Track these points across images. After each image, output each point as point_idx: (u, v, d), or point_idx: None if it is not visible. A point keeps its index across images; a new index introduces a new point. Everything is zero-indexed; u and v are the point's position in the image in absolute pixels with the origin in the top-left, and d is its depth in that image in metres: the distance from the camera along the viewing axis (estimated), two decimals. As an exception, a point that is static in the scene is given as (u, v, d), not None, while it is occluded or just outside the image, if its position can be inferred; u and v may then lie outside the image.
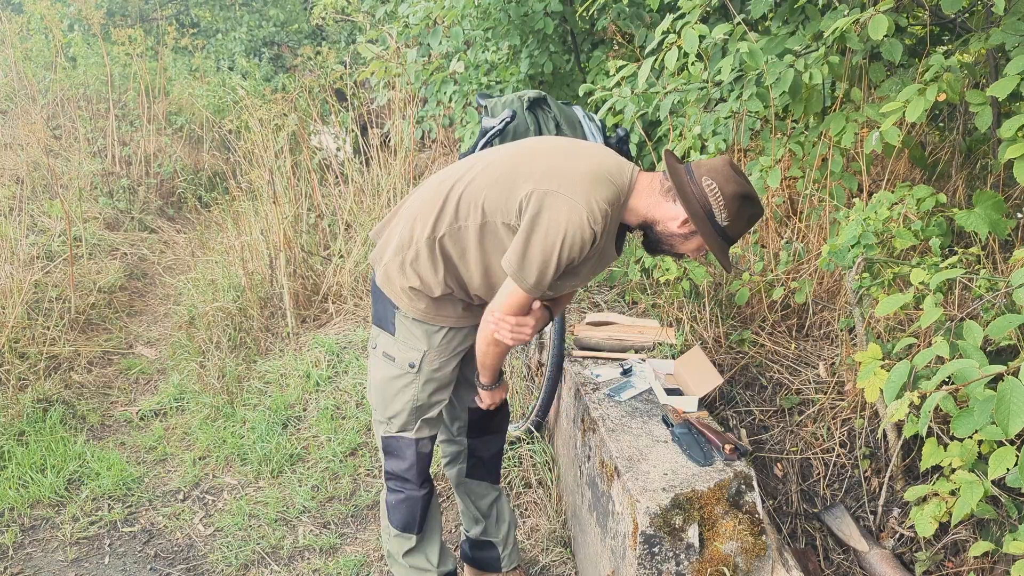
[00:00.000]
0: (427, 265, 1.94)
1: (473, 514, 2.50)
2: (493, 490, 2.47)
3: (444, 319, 2.02)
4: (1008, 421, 1.52)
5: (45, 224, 5.27)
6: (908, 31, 3.67)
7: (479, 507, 2.48)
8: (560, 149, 1.93)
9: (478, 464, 2.41)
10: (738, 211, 1.83)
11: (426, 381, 2.07)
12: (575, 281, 1.98)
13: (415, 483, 2.17)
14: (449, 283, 1.96)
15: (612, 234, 1.90)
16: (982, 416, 1.64)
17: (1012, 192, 3.15)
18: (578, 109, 3.20)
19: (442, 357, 2.06)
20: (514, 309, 1.87)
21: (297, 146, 5.66)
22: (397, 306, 2.02)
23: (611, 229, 1.87)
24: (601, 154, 1.92)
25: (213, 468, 3.33)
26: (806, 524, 2.57)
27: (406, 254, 1.95)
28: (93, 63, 7.50)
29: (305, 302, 4.50)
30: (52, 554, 2.83)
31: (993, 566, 2.17)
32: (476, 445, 2.39)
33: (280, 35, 9.23)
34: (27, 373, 3.82)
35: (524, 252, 1.79)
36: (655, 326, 3.05)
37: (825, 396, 2.75)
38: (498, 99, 3.20)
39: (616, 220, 1.87)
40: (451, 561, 2.36)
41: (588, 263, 1.89)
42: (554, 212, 1.77)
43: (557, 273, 1.81)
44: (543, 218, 1.77)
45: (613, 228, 1.88)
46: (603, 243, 1.86)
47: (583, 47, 5.19)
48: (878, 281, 2.48)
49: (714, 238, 1.84)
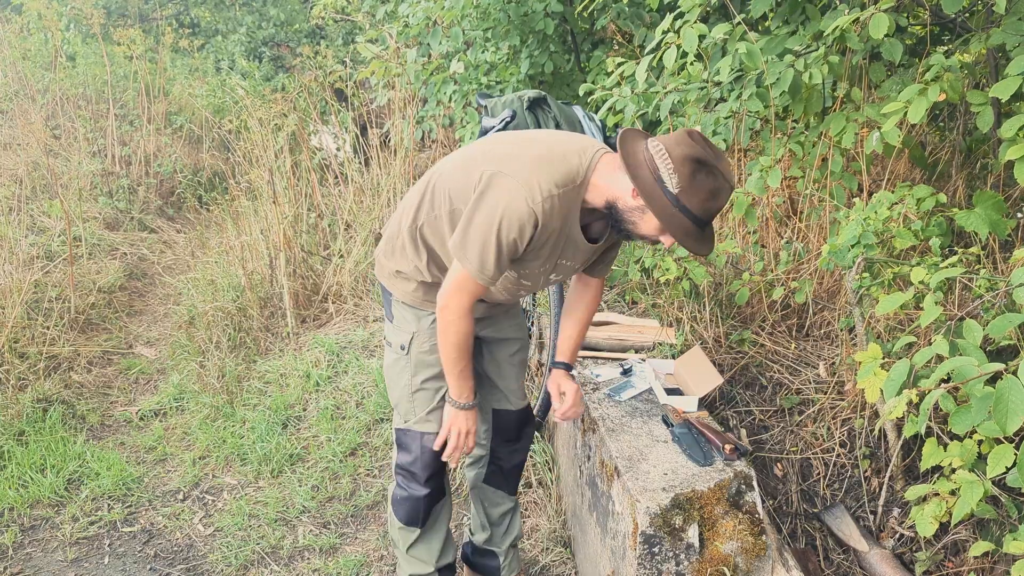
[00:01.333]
0: (412, 253, 2.00)
1: (482, 520, 2.48)
2: (508, 500, 2.44)
3: (432, 304, 2.02)
4: (1006, 419, 1.52)
5: (45, 224, 5.27)
6: (908, 31, 3.67)
7: (490, 515, 2.46)
8: (524, 136, 1.93)
9: (497, 472, 2.39)
10: (691, 176, 1.67)
11: (416, 364, 2.09)
12: (538, 264, 1.91)
13: (420, 480, 2.17)
14: (433, 270, 2.00)
15: (570, 216, 1.82)
16: (979, 412, 1.64)
17: (1012, 192, 3.15)
18: (578, 109, 3.20)
19: (432, 340, 2.05)
20: (461, 292, 1.86)
21: (297, 146, 5.66)
22: (391, 292, 2.09)
23: (566, 211, 1.80)
24: (561, 139, 1.89)
25: (213, 468, 3.33)
26: (806, 524, 2.57)
27: (395, 243, 2.04)
28: (92, 63, 7.50)
29: (305, 302, 4.50)
30: (52, 554, 2.83)
31: (993, 566, 2.17)
32: (500, 452, 2.36)
33: (280, 35, 9.22)
34: (27, 373, 3.82)
35: (465, 232, 1.79)
36: (655, 326, 3.05)
37: (825, 396, 2.75)
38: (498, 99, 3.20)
39: (571, 201, 1.80)
40: (451, 553, 2.37)
41: (548, 245, 1.84)
42: (495, 192, 1.75)
43: (501, 255, 1.77)
44: (485, 199, 1.76)
45: (569, 209, 1.81)
46: (560, 225, 1.81)
47: (583, 47, 5.19)
48: (878, 281, 2.48)
49: (666, 207, 1.68)
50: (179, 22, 9.87)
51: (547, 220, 1.76)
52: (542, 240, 1.82)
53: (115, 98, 6.90)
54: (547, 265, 1.94)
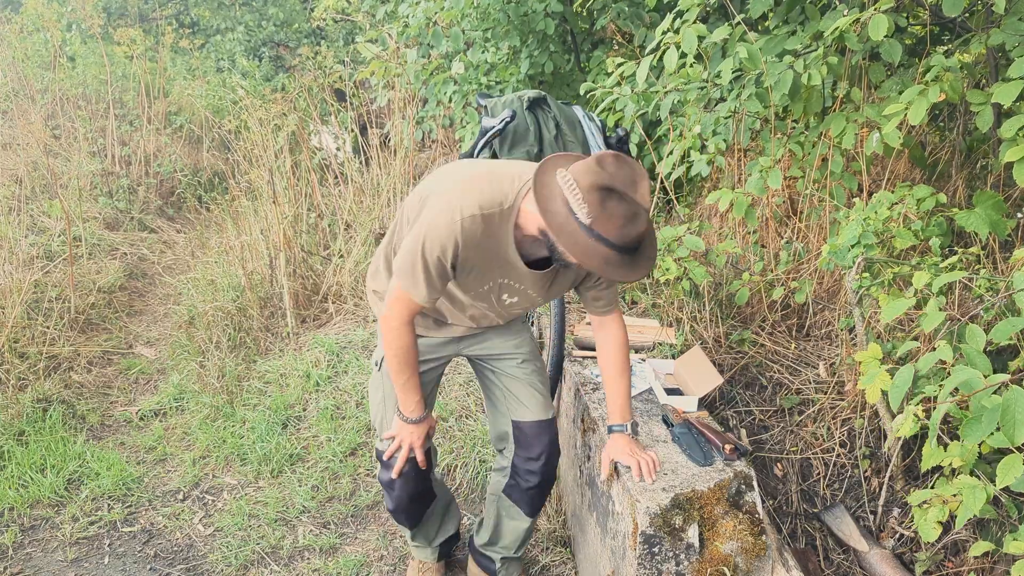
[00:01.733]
0: (385, 276, 2.12)
1: (491, 529, 2.44)
2: (524, 519, 2.39)
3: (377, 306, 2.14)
4: (1014, 430, 1.52)
5: (45, 224, 5.27)
6: (908, 31, 3.67)
7: (500, 528, 2.42)
8: (473, 163, 2.00)
9: (516, 488, 2.32)
10: (600, 205, 1.64)
11: (386, 380, 2.14)
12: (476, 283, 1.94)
13: (399, 493, 2.21)
14: None
15: (500, 239, 1.84)
16: (989, 424, 1.63)
17: (1012, 192, 3.15)
18: (578, 109, 3.20)
19: None
20: (399, 303, 1.91)
21: (297, 146, 5.66)
22: (372, 309, 2.20)
23: (492, 232, 1.82)
24: (504, 165, 1.92)
25: (213, 468, 3.32)
26: (806, 524, 2.57)
27: (377, 264, 2.16)
28: (92, 63, 7.50)
29: (305, 302, 4.50)
30: (52, 554, 2.83)
31: (993, 566, 2.17)
32: (519, 469, 2.28)
33: (280, 35, 9.22)
34: (27, 373, 3.82)
35: (402, 250, 1.87)
36: (655, 326, 3.05)
37: (825, 396, 2.75)
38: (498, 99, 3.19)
39: (497, 224, 1.81)
40: (452, 526, 2.47)
41: (478, 264, 1.87)
42: (425, 213, 1.83)
43: (428, 272, 1.82)
44: (418, 219, 1.85)
45: (496, 232, 1.82)
46: (489, 245, 1.83)
47: (583, 47, 5.19)
48: (878, 281, 2.48)
49: (580, 238, 1.66)
50: (179, 22, 9.87)
51: (468, 239, 1.79)
52: (469, 259, 1.85)
53: (115, 98, 6.90)
54: (487, 285, 1.96)
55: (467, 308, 2.07)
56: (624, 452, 2.10)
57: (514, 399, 2.24)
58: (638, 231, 1.67)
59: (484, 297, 2.01)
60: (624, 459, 2.10)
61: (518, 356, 2.25)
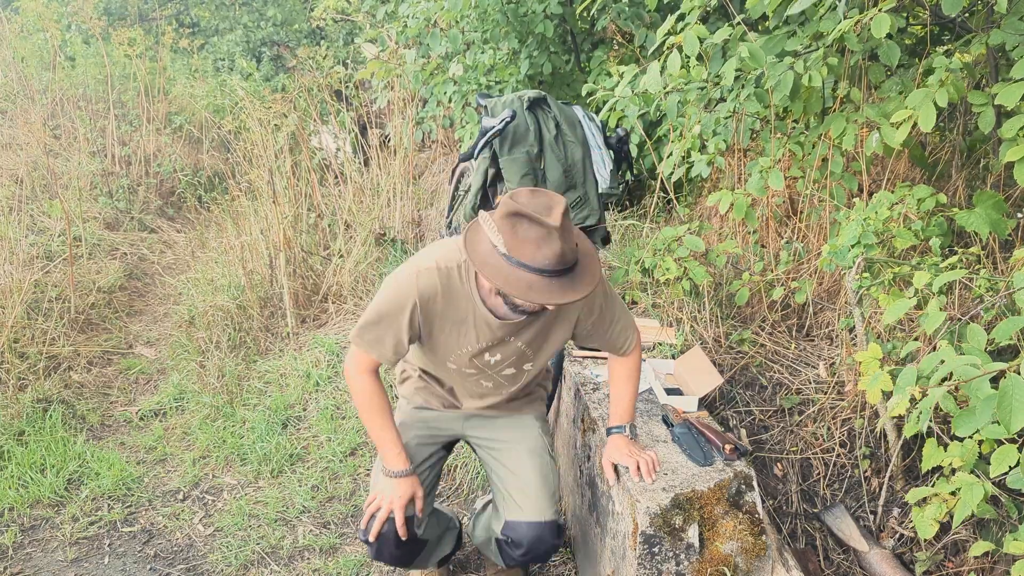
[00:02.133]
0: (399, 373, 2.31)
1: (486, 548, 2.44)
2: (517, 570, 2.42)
3: (401, 385, 2.30)
4: (1011, 418, 1.52)
5: (45, 224, 5.27)
6: (908, 31, 3.67)
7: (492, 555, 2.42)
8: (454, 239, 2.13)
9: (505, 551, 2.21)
10: (512, 231, 1.69)
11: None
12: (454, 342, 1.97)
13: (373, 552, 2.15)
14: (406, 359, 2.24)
15: (465, 293, 1.89)
16: (984, 415, 1.64)
17: (1012, 192, 3.15)
18: (578, 109, 3.20)
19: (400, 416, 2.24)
20: (353, 355, 2.02)
21: (297, 146, 5.66)
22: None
23: (456, 287, 1.88)
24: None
25: (213, 468, 3.32)
26: (806, 524, 2.57)
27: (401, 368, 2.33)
28: (93, 63, 7.49)
29: (305, 302, 4.50)
30: (52, 554, 2.83)
31: (993, 566, 2.17)
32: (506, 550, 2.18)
33: (279, 35, 9.22)
34: (27, 373, 3.82)
35: (369, 304, 1.98)
36: (655, 326, 3.05)
37: (825, 396, 2.75)
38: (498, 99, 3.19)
39: (462, 279, 1.88)
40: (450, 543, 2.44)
41: (448, 321, 1.92)
42: (393, 274, 1.95)
43: (379, 324, 1.90)
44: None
45: (462, 287, 1.89)
46: (453, 299, 1.89)
47: (583, 47, 5.19)
48: (878, 281, 2.48)
49: (503, 268, 1.70)
50: (179, 22, 9.87)
51: (426, 291, 1.86)
52: (436, 315, 1.91)
53: (115, 98, 6.90)
54: (466, 348, 1.98)
55: (465, 379, 2.09)
56: (623, 453, 2.10)
57: (510, 500, 2.14)
58: (553, 251, 1.67)
59: (469, 362, 2.02)
60: (623, 460, 2.09)
61: (520, 448, 2.17)
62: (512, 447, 2.18)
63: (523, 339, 2.00)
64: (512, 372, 2.09)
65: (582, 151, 3.05)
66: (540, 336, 2.02)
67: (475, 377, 2.08)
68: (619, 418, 2.16)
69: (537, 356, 2.07)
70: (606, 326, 2.06)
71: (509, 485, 2.15)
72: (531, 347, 2.03)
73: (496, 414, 2.21)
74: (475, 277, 1.89)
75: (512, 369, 2.08)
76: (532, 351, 2.04)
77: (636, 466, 2.06)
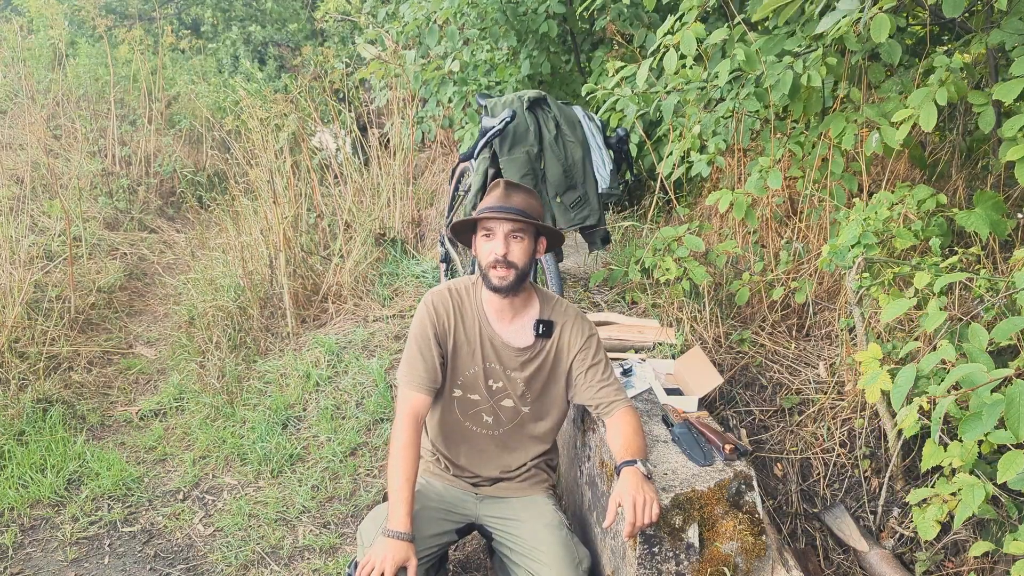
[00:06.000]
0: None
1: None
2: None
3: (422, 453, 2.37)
4: (1019, 425, 1.52)
5: (45, 224, 5.27)
6: (908, 31, 3.67)
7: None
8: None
9: None
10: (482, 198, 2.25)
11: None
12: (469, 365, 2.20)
13: None
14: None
15: (474, 310, 2.19)
16: (990, 420, 1.63)
17: (1012, 192, 3.15)
18: (578, 109, 3.20)
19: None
20: (400, 402, 2.15)
21: (297, 146, 5.66)
22: None
23: (466, 305, 2.20)
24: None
25: (213, 468, 3.32)
26: (806, 524, 2.57)
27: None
28: (94, 63, 7.49)
29: (305, 302, 4.50)
30: (52, 554, 2.83)
31: (993, 566, 2.17)
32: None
33: (280, 35, 9.22)
34: (27, 373, 3.82)
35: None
36: (655, 326, 3.05)
37: (825, 396, 2.75)
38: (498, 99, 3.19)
39: (471, 298, 2.20)
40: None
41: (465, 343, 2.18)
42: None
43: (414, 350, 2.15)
44: None
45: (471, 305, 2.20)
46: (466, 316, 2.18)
47: (583, 47, 5.20)
48: (878, 281, 2.48)
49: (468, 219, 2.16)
50: (180, 22, 9.87)
51: (438, 307, 2.17)
52: (453, 330, 2.17)
53: (116, 98, 6.90)
54: (475, 368, 2.20)
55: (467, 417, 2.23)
56: (628, 492, 1.91)
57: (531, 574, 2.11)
58: (505, 191, 2.12)
59: (476, 384, 2.21)
60: (625, 500, 1.90)
61: (537, 524, 2.18)
62: (528, 524, 2.20)
63: (523, 376, 2.21)
64: (511, 405, 2.23)
65: (582, 151, 3.05)
66: (537, 376, 2.21)
67: (478, 408, 2.23)
68: (630, 453, 2.03)
69: (535, 401, 2.24)
70: (599, 373, 2.20)
71: (531, 564, 2.12)
72: (530, 388, 2.22)
73: (508, 495, 2.30)
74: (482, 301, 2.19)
75: (510, 402, 2.23)
76: (531, 393, 2.23)
77: (632, 504, 1.87)
